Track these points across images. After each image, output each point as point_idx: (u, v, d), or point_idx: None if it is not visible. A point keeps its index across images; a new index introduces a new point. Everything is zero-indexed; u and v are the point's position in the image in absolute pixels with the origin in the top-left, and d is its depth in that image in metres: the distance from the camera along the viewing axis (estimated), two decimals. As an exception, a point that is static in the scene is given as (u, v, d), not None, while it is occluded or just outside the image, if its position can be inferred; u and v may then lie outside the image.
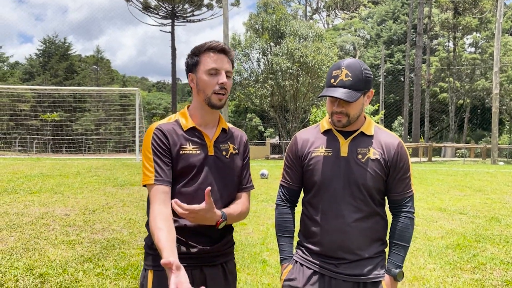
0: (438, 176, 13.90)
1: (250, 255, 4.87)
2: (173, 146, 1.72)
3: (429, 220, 6.87)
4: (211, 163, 1.76)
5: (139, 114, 21.70)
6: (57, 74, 45.17)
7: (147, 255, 1.77)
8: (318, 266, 1.85)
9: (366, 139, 1.85)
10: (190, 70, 1.77)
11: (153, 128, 1.75)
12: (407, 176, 1.89)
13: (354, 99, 1.74)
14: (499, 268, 4.51)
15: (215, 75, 1.71)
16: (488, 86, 38.21)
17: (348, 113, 1.79)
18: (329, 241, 1.82)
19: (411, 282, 4.13)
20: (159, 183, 1.67)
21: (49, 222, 6.02)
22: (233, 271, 1.89)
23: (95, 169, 12.49)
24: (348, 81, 1.75)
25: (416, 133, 36.26)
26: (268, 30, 28.96)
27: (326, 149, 1.85)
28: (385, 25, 46.98)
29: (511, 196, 9.54)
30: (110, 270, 4.25)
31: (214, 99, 1.72)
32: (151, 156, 1.71)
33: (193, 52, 1.75)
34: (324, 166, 1.83)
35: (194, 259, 1.73)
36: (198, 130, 1.77)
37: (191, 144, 1.74)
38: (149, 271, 1.73)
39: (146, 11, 38.89)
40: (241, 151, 1.90)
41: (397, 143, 1.86)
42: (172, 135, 1.73)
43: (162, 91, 69.06)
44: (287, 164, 1.98)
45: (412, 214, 1.92)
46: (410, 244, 1.91)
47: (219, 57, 1.72)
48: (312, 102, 29.50)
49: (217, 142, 1.80)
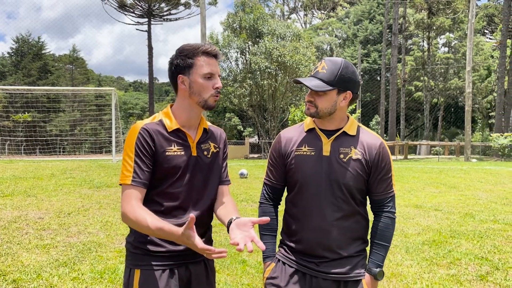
0: (414, 173, 14.17)
1: (230, 256, 4.85)
2: (158, 148, 1.72)
3: (406, 217, 6.99)
4: (194, 163, 1.78)
5: (115, 114, 21.37)
6: (30, 73, 44.07)
7: (131, 254, 1.77)
8: (299, 264, 1.86)
9: (348, 139, 1.86)
10: (181, 71, 1.74)
11: (139, 128, 1.73)
12: (389, 177, 1.90)
13: (319, 89, 1.76)
14: (473, 263, 4.61)
15: (210, 79, 1.74)
16: (461, 85, 39.19)
17: (316, 105, 1.81)
18: (310, 239, 1.84)
19: (389, 278, 4.19)
20: (136, 185, 1.67)
21: (23, 226, 5.85)
22: (213, 268, 1.94)
23: (70, 171, 12.23)
24: (322, 73, 1.79)
25: (392, 132, 36.88)
26: (246, 30, 28.93)
27: (309, 148, 1.86)
28: (361, 25, 47.61)
29: (484, 193, 9.80)
30: (86, 274, 4.16)
31: (211, 101, 1.76)
32: (132, 155, 1.69)
33: (186, 54, 1.73)
34: (307, 165, 1.84)
35: (179, 257, 1.75)
36: (182, 131, 1.78)
37: (176, 145, 1.75)
38: (135, 270, 1.72)
39: (122, 9, 38.30)
40: (221, 148, 1.93)
41: (379, 143, 1.88)
42: (158, 136, 1.73)
43: (139, 91, 68.22)
44: (271, 163, 1.99)
45: (393, 214, 1.93)
46: (390, 243, 1.93)
47: (213, 61, 1.75)
48: (290, 102, 29.63)
49: (199, 142, 1.82)
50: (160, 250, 1.72)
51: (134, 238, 1.76)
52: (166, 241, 1.72)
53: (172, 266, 1.74)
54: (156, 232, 1.57)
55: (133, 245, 1.76)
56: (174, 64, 1.75)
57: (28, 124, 33.78)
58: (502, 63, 30.51)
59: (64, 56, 51.64)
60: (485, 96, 41.19)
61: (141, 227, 1.61)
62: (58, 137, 34.07)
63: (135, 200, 1.65)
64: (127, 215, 1.63)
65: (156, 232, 1.57)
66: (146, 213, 1.61)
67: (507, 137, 25.28)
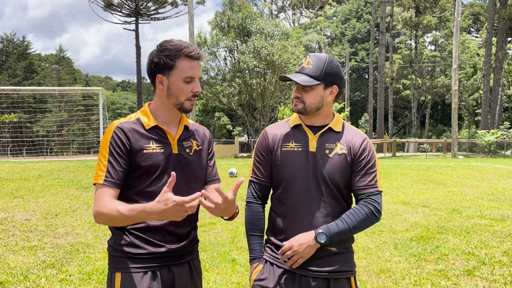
0: (402, 170, 14.29)
1: (220, 255, 4.84)
2: (134, 146, 1.68)
3: (394, 214, 7.04)
4: (175, 161, 1.74)
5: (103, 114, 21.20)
6: (15, 74, 43.44)
7: (112, 258, 1.73)
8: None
9: (334, 135, 1.87)
10: (160, 71, 1.69)
11: (114, 127, 1.70)
12: (373, 171, 1.85)
13: (306, 83, 1.77)
14: (460, 258, 4.67)
15: (190, 83, 1.70)
16: (448, 83, 39.60)
17: (303, 101, 1.82)
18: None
19: (378, 274, 4.22)
20: (108, 184, 1.63)
21: (9, 228, 5.78)
22: (198, 268, 1.89)
23: (57, 172, 12.10)
24: (308, 68, 1.81)
25: (381, 129, 37.14)
26: (234, 28, 28.87)
27: (295, 144, 1.85)
28: (349, 23, 47.83)
29: (470, 189, 9.93)
30: (74, 275, 4.12)
31: (187, 105, 1.73)
32: (106, 155, 1.66)
33: (167, 55, 1.67)
34: (294, 161, 1.84)
35: (162, 259, 1.71)
36: (161, 129, 1.74)
37: (154, 143, 1.71)
38: (116, 274, 1.69)
39: (109, 8, 37.93)
40: (205, 146, 1.89)
41: (363, 138, 1.89)
42: (134, 134, 1.69)
43: (127, 91, 67.65)
44: (258, 160, 1.94)
45: (377, 211, 1.82)
46: (352, 230, 1.78)
47: (195, 65, 1.70)
48: (279, 100, 29.66)
49: (180, 139, 1.78)
50: (140, 252, 1.68)
51: (115, 241, 1.73)
52: (146, 243, 1.69)
53: (154, 268, 1.70)
54: (130, 215, 1.52)
55: (114, 248, 1.73)
56: (154, 63, 1.70)
57: (14, 125, 33.28)
58: (487, 61, 30.91)
59: (51, 56, 51.00)
60: (471, 94, 41.71)
61: (114, 218, 1.57)
62: (45, 138, 33.60)
63: (107, 197, 1.61)
64: (99, 211, 1.59)
65: (130, 215, 1.52)
66: (116, 203, 1.58)
67: (493, 134, 25.64)
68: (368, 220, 1.82)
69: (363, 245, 5.21)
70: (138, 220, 1.57)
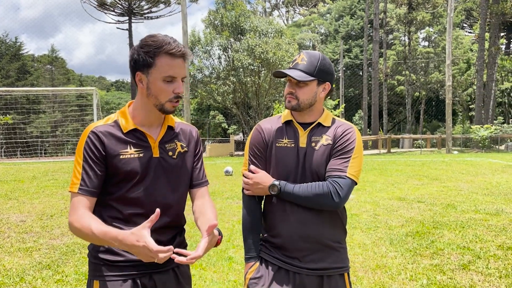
0: (397, 166, 14.34)
1: (216, 253, 4.84)
2: (110, 152, 1.58)
3: (390, 210, 7.07)
4: (156, 165, 1.64)
5: (97, 114, 21.10)
6: (8, 75, 43.14)
7: (91, 264, 1.66)
8: (282, 261, 1.84)
9: (322, 129, 1.89)
10: (139, 69, 1.58)
11: (88, 131, 1.60)
12: (346, 157, 1.79)
13: (301, 78, 1.79)
14: (456, 253, 4.70)
15: (171, 83, 1.58)
16: (442, 79, 39.74)
17: (297, 96, 1.83)
18: (289, 232, 1.82)
19: (374, 270, 4.24)
20: (83, 193, 1.56)
21: (4, 230, 5.75)
22: (186, 273, 1.79)
23: (52, 173, 12.04)
24: (302, 64, 1.83)
25: (375, 126, 37.24)
26: (228, 27, 28.81)
27: (288, 140, 1.87)
28: (342, 20, 47.87)
29: (465, 184, 9.98)
30: (70, 276, 4.11)
31: (168, 106, 1.61)
32: (81, 161, 1.58)
33: (147, 51, 1.55)
34: (287, 157, 1.86)
35: (142, 266, 1.61)
36: (140, 131, 1.64)
37: (132, 147, 1.61)
38: (94, 281, 1.62)
39: (102, 8, 37.74)
40: (191, 148, 1.78)
41: (349, 127, 1.88)
42: (110, 139, 1.59)
43: (121, 90, 67.37)
44: (254, 155, 1.93)
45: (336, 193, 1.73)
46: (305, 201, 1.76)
47: (177, 63, 1.57)
48: (274, 98, 29.66)
49: (162, 142, 1.68)
50: (118, 259, 1.60)
51: (93, 247, 1.65)
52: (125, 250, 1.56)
53: (134, 276, 1.61)
54: (101, 238, 1.44)
55: (92, 255, 1.65)
56: (134, 59, 1.60)
57: (8, 126, 33.07)
58: (481, 56, 31.06)
59: (43, 56, 50.69)
60: (465, 89, 41.88)
61: (86, 235, 1.49)
62: (39, 139, 33.42)
63: (82, 209, 1.53)
64: (73, 224, 1.52)
65: (102, 238, 1.44)
66: (91, 220, 1.49)
67: (487, 129, 25.77)
68: (324, 198, 1.73)
69: (359, 241, 5.24)
70: (109, 244, 1.48)
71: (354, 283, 3.89)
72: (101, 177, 1.59)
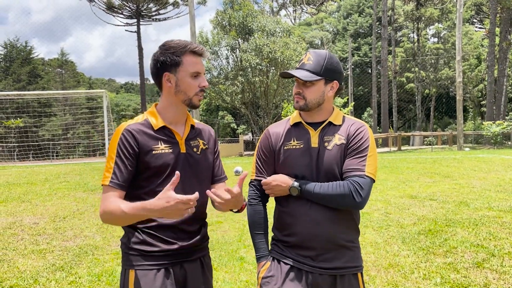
0: (408, 164, 14.23)
1: (227, 253, 4.85)
2: (143, 148, 1.71)
3: (401, 208, 7.02)
4: (184, 160, 1.78)
5: (107, 116, 21.29)
6: (19, 78, 43.69)
7: (126, 255, 1.77)
8: (295, 260, 1.84)
9: (334, 128, 1.88)
10: (167, 69, 1.73)
11: (122, 129, 1.73)
12: (362, 156, 1.79)
13: (308, 79, 1.79)
14: (469, 251, 4.65)
15: (196, 78, 1.75)
16: (452, 75, 39.36)
17: (305, 96, 1.84)
18: (303, 231, 1.82)
19: (387, 269, 4.21)
20: (113, 186, 1.67)
21: (18, 232, 5.81)
22: (209, 265, 1.92)
23: (64, 175, 12.16)
24: (308, 64, 1.83)
25: (385, 124, 37.01)
26: (235, 27, 28.84)
27: (297, 142, 1.87)
28: (351, 18, 47.65)
29: (478, 181, 9.87)
30: (83, 277, 4.14)
31: (195, 100, 1.77)
32: (114, 156, 1.70)
33: (173, 52, 1.71)
34: (297, 158, 1.85)
35: (174, 256, 1.74)
36: (169, 129, 1.78)
37: (163, 143, 1.74)
38: (130, 271, 1.72)
39: (110, 11, 38.04)
40: (210, 145, 1.93)
41: (361, 125, 1.88)
42: (143, 136, 1.72)
43: (131, 92, 67.88)
44: (261, 159, 1.96)
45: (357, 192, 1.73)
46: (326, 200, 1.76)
47: (200, 60, 1.76)
48: (283, 97, 29.63)
49: (188, 139, 1.82)
50: (153, 250, 1.72)
51: (128, 239, 1.76)
52: (159, 241, 1.72)
53: (167, 265, 1.73)
54: (131, 212, 1.57)
55: (127, 246, 1.76)
56: (160, 61, 1.74)
57: (20, 129, 33.50)
58: (491, 51, 30.71)
59: (54, 60, 51.24)
60: (476, 85, 41.44)
61: (117, 217, 1.61)
62: (50, 142, 33.79)
63: (112, 198, 1.65)
64: (104, 211, 1.64)
65: (132, 213, 1.57)
66: (119, 201, 1.62)
67: (498, 125, 25.47)
68: (346, 198, 1.73)
69: (371, 240, 5.20)
70: (140, 217, 1.60)
71: (366, 282, 3.86)
72: (131, 172, 1.71)
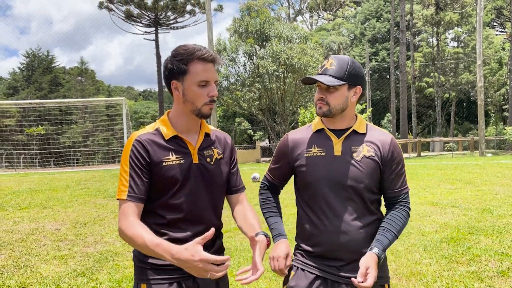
0: (428, 170, 14.00)
1: (246, 260, 4.83)
2: (154, 159, 1.64)
3: (422, 215, 6.90)
4: (196, 171, 1.70)
5: (126, 123, 21.58)
6: (41, 87, 44.73)
7: (138, 268, 1.72)
8: (319, 270, 1.81)
9: (359, 137, 1.84)
10: (174, 77, 1.66)
11: (133, 140, 1.66)
12: (403, 172, 1.89)
13: (331, 83, 1.75)
14: (493, 259, 4.53)
15: (205, 87, 1.64)
16: (472, 79, 38.71)
17: (328, 102, 1.80)
18: (328, 241, 1.79)
19: (408, 277, 4.13)
20: (131, 200, 1.61)
21: (40, 238, 5.91)
22: (225, 277, 1.85)
23: (84, 182, 12.34)
24: (331, 69, 1.79)
25: (404, 129, 36.52)
26: (252, 34, 29.00)
27: (318, 149, 1.83)
28: (368, 23, 47.39)
29: (501, 187, 9.64)
30: (104, 283, 4.18)
31: (205, 110, 1.67)
32: (127, 169, 1.63)
33: (180, 59, 1.62)
34: (318, 166, 1.81)
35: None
36: (181, 138, 1.70)
37: (174, 154, 1.67)
38: (142, 285, 1.68)
39: (129, 20, 38.67)
40: (226, 155, 1.84)
41: (391, 139, 1.86)
42: (153, 147, 1.65)
43: (149, 100, 68.71)
44: (276, 162, 2.00)
45: (409, 209, 1.89)
46: (398, 236, 1.81)
47: (209, 67, 1.64)
48: (300, 104, 29.58)
49: (201, 149, 1.74)
50: (165, 263, 1.64)
51: (139, 252, 1.69)
52: None
53: (179, 279, 1.67)
54: (153, 249, 1.46)
55: (139, 259, 1.71)
56: (168, 69, 1.66)
57: (41, 137, 34.22)
58: (513, 55, 30.09)
59: (74, 68, 52.34)
60: (498, 90, 40.60)
61: (137, 245, 1.52)
62: (71, 149, 34.46)
63: (132, 216, 1.58)
64: (124, 232, 1.56)
65: (154, 250, 1.46)
66: (143, 229, 1.53)
67: (522, 130, 24.89)
68: (407, 222, 1.87)
69: (391, 248, 5.12)
70: (159, 256, 1.48)
71: (388, 291, 3.79)
72: (147, 183, 1.65)
